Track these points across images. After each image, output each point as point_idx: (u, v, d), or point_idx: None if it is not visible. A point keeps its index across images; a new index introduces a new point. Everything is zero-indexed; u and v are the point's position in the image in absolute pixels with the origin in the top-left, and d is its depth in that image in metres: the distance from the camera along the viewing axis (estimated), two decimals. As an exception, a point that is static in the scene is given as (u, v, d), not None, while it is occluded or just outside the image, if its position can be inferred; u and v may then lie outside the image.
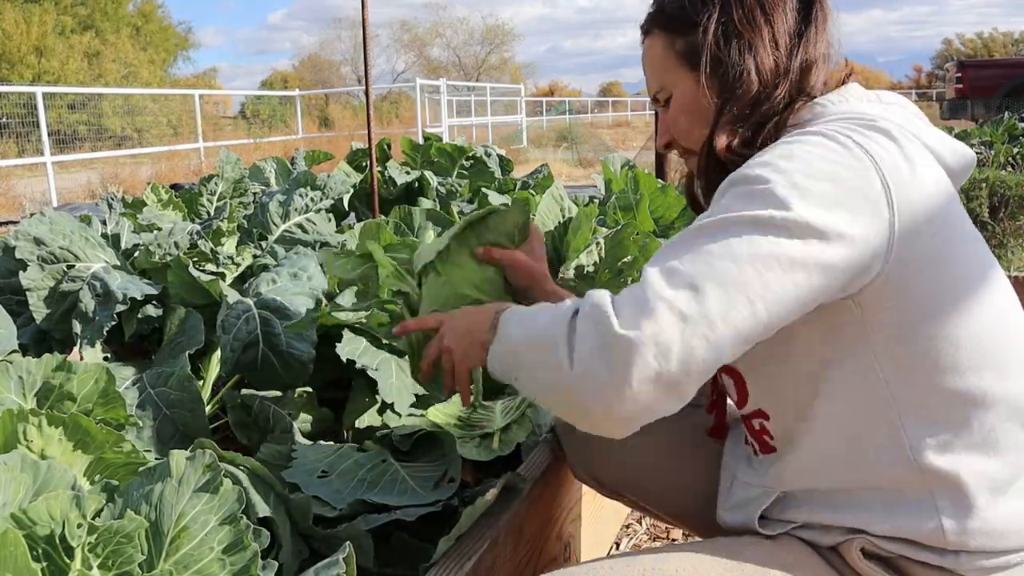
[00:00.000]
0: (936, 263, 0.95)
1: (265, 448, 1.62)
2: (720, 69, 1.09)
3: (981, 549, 0.94)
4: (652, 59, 1.18)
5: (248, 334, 1.79)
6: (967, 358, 0.95)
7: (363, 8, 2.79)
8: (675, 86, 1.15)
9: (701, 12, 1.11)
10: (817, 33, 1.09)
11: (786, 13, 1.09)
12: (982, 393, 0.95)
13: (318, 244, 2.31)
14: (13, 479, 0.98)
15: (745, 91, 1.07)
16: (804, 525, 1.04)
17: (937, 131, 1.09)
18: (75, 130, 16.08)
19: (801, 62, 1.08)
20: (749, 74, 1.07)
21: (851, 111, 1.04)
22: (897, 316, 0.94)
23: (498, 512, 1.32)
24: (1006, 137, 7.54)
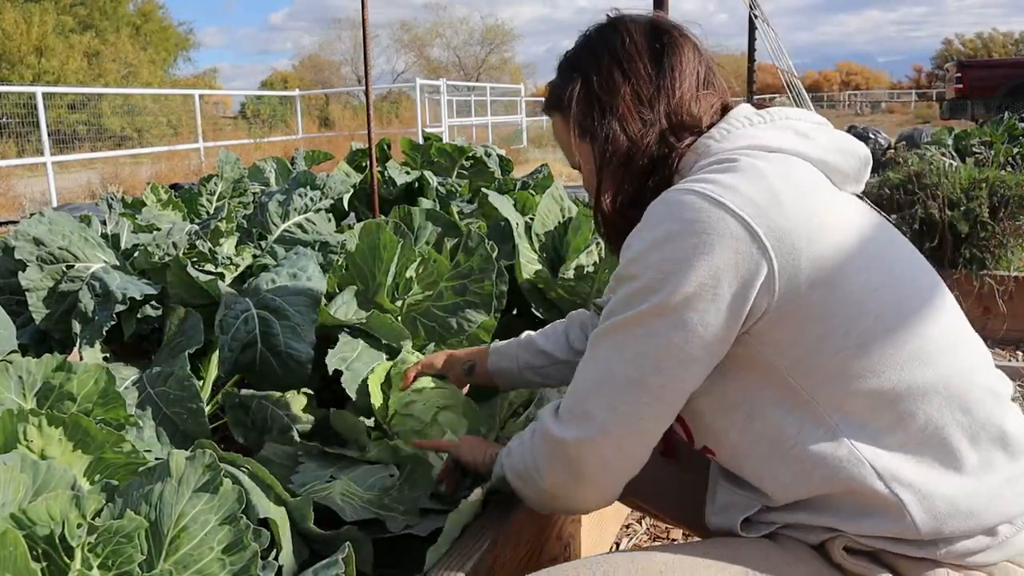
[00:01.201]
0: (827, 282, 0.97)
1: (267, 448, 1.62)
2: (589, 135, 1.18)
3: (956, 533, 0.95)
4: (557, 137, 1.27)
5: (247, 334, 1.79)
6: (882, 358, 0.97)
7: (363, 8, 2.79)
8: (580, 155, 1.23)
9: (569, 87, 1.19)
10: (677, 74, 1.14)
11: (642, 60, 1.14)
12: (910, 386, 0.97)
13: (318, 244, 2.31)
14: (13, 479, 0.98)
15: (614, 151, 1.14)
16: (788, 525, 1.05)
17: (828, 140, 1.12)
18: (75, 130, 16.08)
19: (667, 109, 1.14)
20: (616, 135, 1.14)
21: (732, 147, 1.08)
22: (794, 342, 0.98)
23: (498, 512, 1.32)
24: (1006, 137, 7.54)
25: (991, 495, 0.96)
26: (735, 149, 1.07)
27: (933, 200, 3.90)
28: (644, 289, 0.99)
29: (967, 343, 1.04)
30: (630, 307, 1.01)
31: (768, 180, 1.00)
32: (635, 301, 1.00)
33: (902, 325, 0.99)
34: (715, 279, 0.95)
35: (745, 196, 0.97)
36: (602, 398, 1.03)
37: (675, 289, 0.97)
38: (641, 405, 1.02)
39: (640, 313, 0.99)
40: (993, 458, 0.98)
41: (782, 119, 1.12)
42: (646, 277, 0.99)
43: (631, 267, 1.02)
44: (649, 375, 1.00)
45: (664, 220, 1.00)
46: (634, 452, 1.06)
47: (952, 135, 7.86)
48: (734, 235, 0.95)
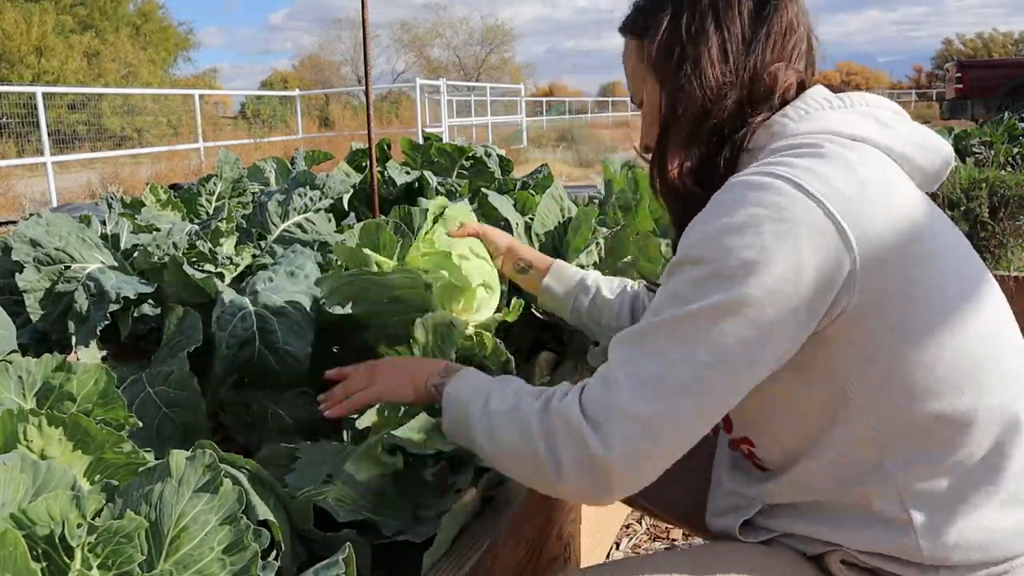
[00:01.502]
0: (905, 292, 0.91)
1: (265, 448, 1.62)
2: (665, 83, 1.07)
3: (961, 563, 0.93)
4: (625, 62, 1.17)
5: (244, 331, 1.79)
6: (945, 379, 0.92)
7: (363, 8, 2.79)
8: (645, 93, 1.14)
9: (655, 17, 1.08)
10: (773, 38, 1.04)
11: (740, 14, 1.03)
12: (962, 412, 0.92)
13: (317, 244, 2.31)
14: (13, 479, 0.97)
15: (688, 107, 1.04)
16: (786, 534, 1.03)
17: (909, 131, 1.04)
18: (75, 130, 16.08)
19: (752, 72, 1.03)
20: (692, 89, 1.03)
21: (810, 130, 0.99)
22: (864, 348, 0.92)
23: (497, 513, 1.32)
24: (1006, 137, 7.53)
25: (1008, 533, 0.93)
26: (814, 132, 0.98)
27: (933, 200, 3.90)
28: (716, 276, 0.88)
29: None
30: (699, 297, 0.89)
31: (857, 173, 0.92)
32: (705, 290, 0.88)
33: (973, 350, 0.93)
34: (798, 273, 0.86)
35: (834, 188, 0.89)
36: (657, 403, 0.89)
37: (754, 281, 0.86)
38: (701, 411, 0.90)
39: (712, 306, 0.87)
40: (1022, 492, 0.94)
41: (862, 105, 1.04)
42: (720, 263, 0.88)
43: (700, 249, 0.90)
44: (715, 377, 0.88)
45: (744, 202, 0.89)
46: (673, 458, 0.93)
47: (952, 135, 7.86)
48: (821, 229, 0.87)
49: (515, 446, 1.00)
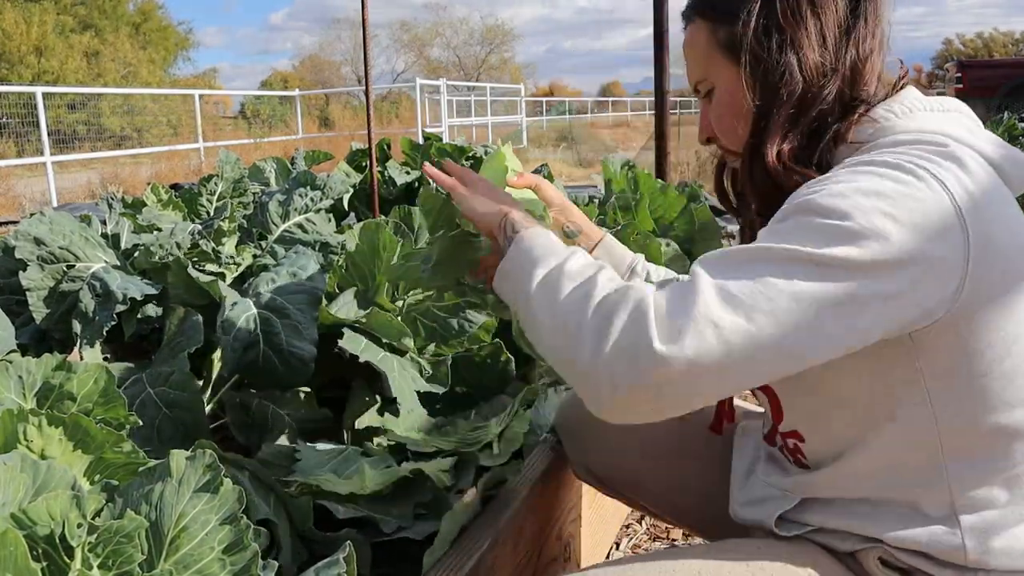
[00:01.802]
0: (1001, 304, 0.89)
1: (265, 448, 1.62)
2: (760, 67, 1.02)
3: (1001, 568, 0.92)
4: (694, 47, 1.10)
5: (248, 334, 1.79)
6: (1017, 392, 0.92)
7: (363, 8, 2.79)
8: (717, 80, 1.08)
9: (743, 2, 1.03)
10: (868, 26, 1.02)
11: (836, 4, 1.01)
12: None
13: (318, 244, 2.31)
14: (13, 479, 0.97)
15: (789, 92, 0.99)
16: (821, 529, 1.02)
17: (993, 139, 1.02)
18: (75, 130, 16.09)
19: (852, 60, 1.00)
20: (792, 73, 0.99)
21: (920, 128, 0.97)
22: (952, 357, 0.90)
23: (497, 513, 1.32)
24: (1006, 137, 7.54)
25: None
26: (924, 131, 0.96)
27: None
28: (843, 230, 0.83)
29: None
30: (819, 242, 0.83)
31: (981, 180, 0.90)
32: (828, 237, 0.83)
33: None
34: (920, 260, 0.83)
35: (965, 187, 0.87)
36: (741, 318, 0.82)
37: (879, 249, 0.82)
38: (777, 350, 0.83)
39: (832, 256, 0.82)
40: None
41: (954, 111, 1.02)
42: (851, 220, 0.83)
43: (832, 200, 0.85)
44: (804, 322, 0.82)
45: (884, 176, 0.86)
46: (724, 393, 0.88)
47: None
48: (950, 224, 0.85)
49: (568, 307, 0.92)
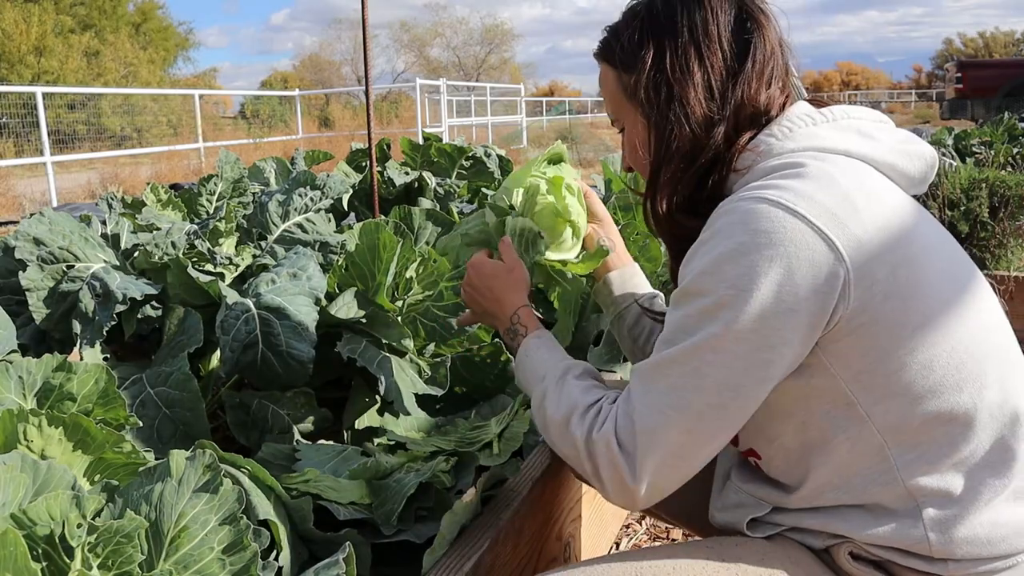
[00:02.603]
0: (897, 295, 0.94)
1: (265, 448, 1.62)
2: (652, 121, 1.09)
3: (968, 557, 0.94)
4: (604, 86, 1.19)
5: (247, 334, 1.79)
6: (943, 378, 0.94)
7: (363, 8, 2.79)
8: (625, 121, 1.17)
9: (638, 54, 1.09)
10: (756, 66, 1.06)
11: (722, 48, 1.06)
12: (963, 409, 0.95)
13: (318, 244, 2.31)
14: (13, 479, 0.98)
15: (678, 147, 1.06)
16: (794, 528, 1.05)
17: (893, 137, 1.07)
18: (75, 130, 16.08)
19: (738, 103, 1.06)
20: (681, 128, 1.06)
21: (796, 147, 1.02)
22: (861, 354, 0.94)
23: (497, 513, 1.32)
24: (1006, 137, 7.54)
25: (1016, 528, 0.95)
26: (798, 151, 1.02)
27: (933, 200, 3.90)
28: (718, 306, 0.93)
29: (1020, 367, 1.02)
30: (704, 327, 0.94)
31: (841, 187, 0.95)
32: (709, 320, 0.94)
33: (968, 348, 0.96)
34: (794, 294, 0.91)
35: (820, 205, 0.92)
36: (676, 432, 0.96)
37: (754, 306, 0.91)
38: (717, 428, 0.96)
39: (717, 336, 0.93)
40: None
41: (844, 118, 1.07)
42: (719, 293, 0.93)
43: (701, 281, 0.95)
44: (728, 400, 0.95)
45: (736, 231, 0.94)
46: (695, 472, 1.01)
47: (952, 135, 7.86)
48: (811, 246, 0.91)
49: (567, 453, 1.09)
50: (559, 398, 1.12)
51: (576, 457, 1.06)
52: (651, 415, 0.97)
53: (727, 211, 0.97)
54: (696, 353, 0.95)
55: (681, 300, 0.98)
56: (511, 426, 1.56)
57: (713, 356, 0.94)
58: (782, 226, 0.91)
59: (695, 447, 0.97)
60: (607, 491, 1.03)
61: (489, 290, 1.31)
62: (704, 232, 0.99)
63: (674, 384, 0.96)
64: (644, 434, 0.97)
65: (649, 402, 0.98)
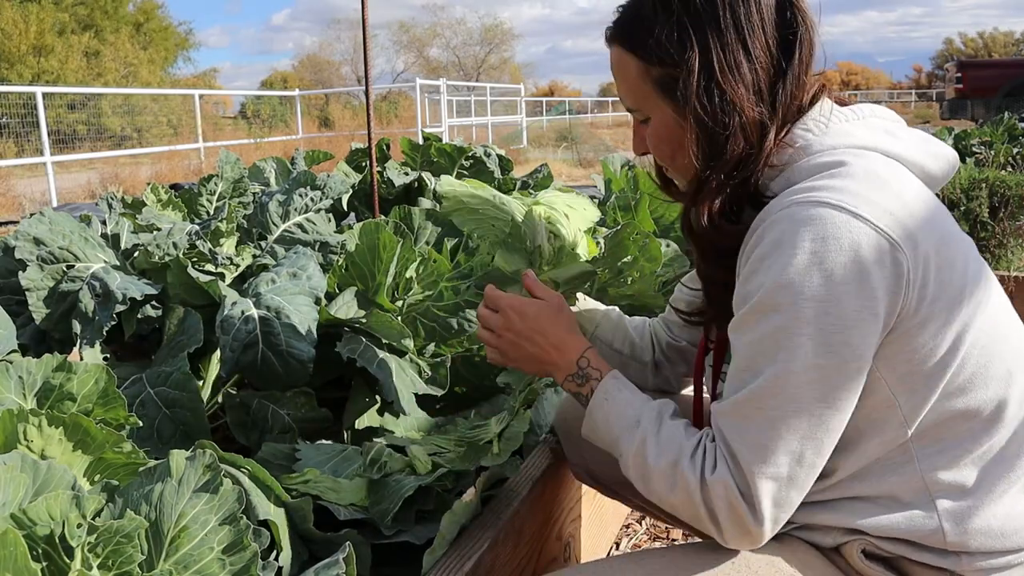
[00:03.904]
0: (943, 296, 0.94)
1: (265, 448, 1.62)
2: (706, 131, 1.00)
3: (981, 549, 0.95)
4: (624, 77, 1.09)
5: (247, 334, 1.79)
6: (973, 376, 0.95)
7: (363, 8, 2.79)
8: (653, 114, 1.08)
9: (680, 51, 1.00)
10: (803, 61, 1.01)
11: (767, 44, 1.00)
12: (989, 405, 0.96)
13: (318, 244, 2.31)
14: (13, 479, 0.97)
15: (732, 155, 1.00)
16: (804, 526, 1.04)
17: (916, 138, 1.05)
18: (75, 130, 16.07)
19: (785, 105, 1.00)
20: (735, 137, 0.99)
21: (834, 144, 0.99)
22: (907, 356, 0.94)
23: (497, 512, 1.32)
24: (1006, 137, 7.54)
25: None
26: (839, 148, 0.99)
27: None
28: (799, 321, 0.89)
29: None
30: (788, 346, 0.90)
31: (892, 187, 0.94)
32: (792, 338, 0.90)
33: (993, 344, 0.97)
34: (874, 297, 0.89)
35: (879, 205, 0.91)
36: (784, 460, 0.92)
37: (839, 316, 0.88)
38: (822, 446, 0.93)
39: (805, 354, 0.89)
40: None
41: (871, 116, 1.05)
42: (799, 307, 0.89)
43: (777, 297, 0.90)
44: (828, 416, 0.91)
45: (803, 239, 0.89)
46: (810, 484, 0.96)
47: (952, 135, 7.86)
48: (879, 248, 0.89)
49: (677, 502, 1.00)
50: (660, 443, 1.02)
51: (688, 504, 0.98)
52: (756, 452, 0.92)
53: (785, 217, 0.92)
54: (788, 378, 0.90)
55: (751, 320, 0.93)
56: (511, 426, 1.55)
57: (805, 376, 0.90)
58: (849, 230, 0.89)
59: (807, 472, 0.93)
60: (726, 535, 0.96)
61: (542, 335, 1.19)
62: (760, 242, 0.94)
63: (771, 416, 0.92)
64: (754, 474, 0.92)
65: (751, 441, 0.93)
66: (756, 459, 0.92)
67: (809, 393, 0.90)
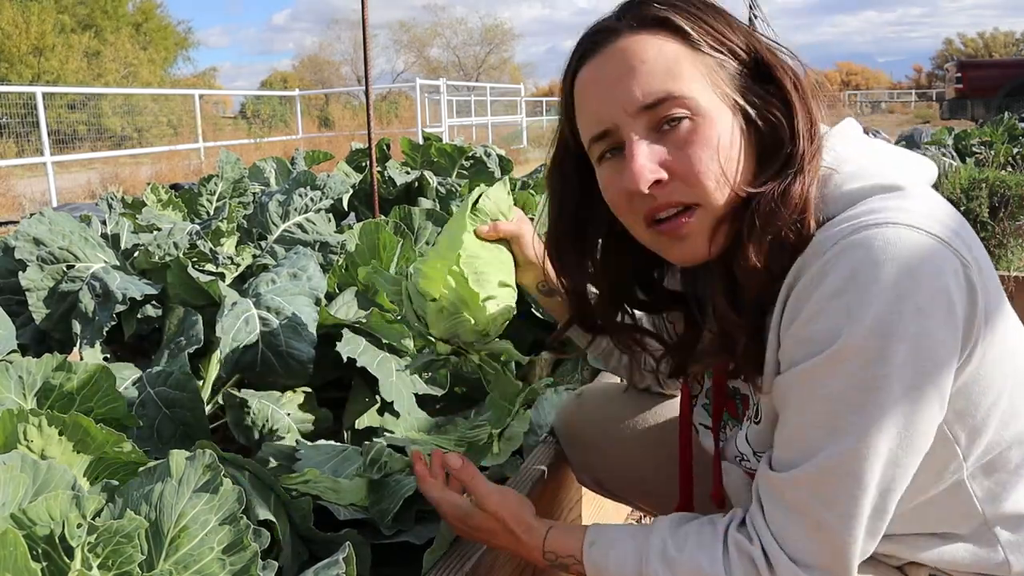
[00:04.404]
0: (996, 322, 0.86)
1: (265, 448, 1.62)
2: (752, 131, 0.90)
3: None
4: (659, 62, 0.89)
5: (248, 334, 1.79)
6: (1019, 401, 0.90)
7: (363, 8, 2.79)
8: (699, 113, 0.89)
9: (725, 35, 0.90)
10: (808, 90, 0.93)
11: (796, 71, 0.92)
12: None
13: (318, 244, 2.31)
14: (13, 479, 0.98)
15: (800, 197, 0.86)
16: None
17: (906, 154, 0.99)
18: (75, 130, 16.07)
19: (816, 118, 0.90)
20: (783, 141, 0.88)
21: (869, 164, 0.90)
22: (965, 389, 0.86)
23: (498, 512, 1.32)
24: (1006, 137, 7.55)
25: None
26: (873, 168, 0.90)
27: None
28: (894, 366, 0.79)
29: None
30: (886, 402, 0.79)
31: (946, 205, 0.86)
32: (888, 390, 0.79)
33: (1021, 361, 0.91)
34: (956, 328, 0.80)
35: (948, 226, 0.82)
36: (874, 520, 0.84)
37: (932, 359, 0.79)
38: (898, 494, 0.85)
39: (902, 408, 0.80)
40: None
41: (877, 139, 0.99)
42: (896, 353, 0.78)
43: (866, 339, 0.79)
44: (909, 464, 0.83)
45: (887, 269, 0.78)
46: None
47: (952, 135, 7.87)
48: (957, 271, 0.80)
49: None
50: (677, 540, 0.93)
51: None
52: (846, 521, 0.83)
53: (855, 245, 0.80)
54: (880, 434, 0.80)
55: (828, 370, 0.81)
56: (511, 426, 1.56)
57: (895, 427, 0.80)
58: (931, 254, 0.79)
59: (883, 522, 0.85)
60: None
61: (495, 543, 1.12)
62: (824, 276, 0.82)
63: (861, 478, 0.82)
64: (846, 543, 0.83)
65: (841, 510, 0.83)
66: (846, 527, 0.83)
67: (897, 442, 0.81)
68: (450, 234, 1.26)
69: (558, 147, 1.07)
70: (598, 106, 0.93)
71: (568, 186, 1.08)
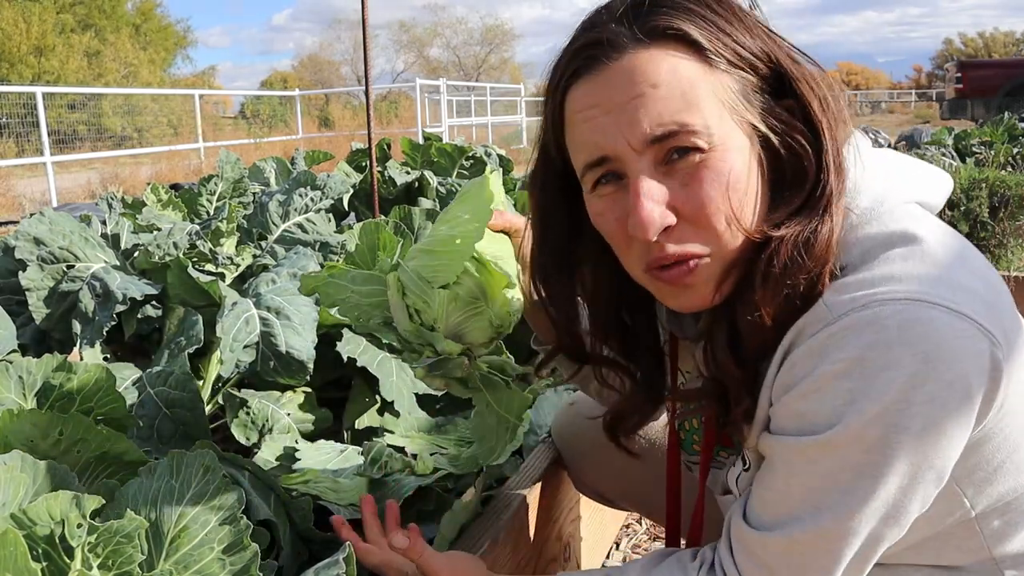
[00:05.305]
0: (1012, 378, 0.79)
1: (265, 448, 1.62)
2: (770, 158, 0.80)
3: None
4: (674, 82, 0.77)
5: (248, 335, 1.79)
6: None
7: (363, 8, 2.79)
8: (712, 145, 0.78)
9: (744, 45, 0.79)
10: None
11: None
12: None
13: (318, 244, 2.31)
14: (13, 479, 0.98)
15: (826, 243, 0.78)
16: None
17: (919, 169, 0.92)
18: (75, 130, 16.08)
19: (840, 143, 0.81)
20: (806, 172, 0.79)
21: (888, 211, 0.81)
22: (975, 450, 0.81)
23: (497, 512, 1.32)
24: (1006, 137, 7.55)
25: None
26: (881, 208, 0.81)
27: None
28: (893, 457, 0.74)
29: None
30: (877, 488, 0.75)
31: (971, 262, 0.79)
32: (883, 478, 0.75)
33: None
34: (971, 413, 0.75)
35: (970, 291, 0.74)
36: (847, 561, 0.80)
37: (936, 449, 0.74)
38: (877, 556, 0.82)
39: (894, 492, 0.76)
40: None
41: (885, 153, 0.90)
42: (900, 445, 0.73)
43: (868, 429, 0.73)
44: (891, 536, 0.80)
45: (904, 359, 0.72)
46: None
47: (952, 135, 7.87)
48: (980, 352, 0.73)
49: None
50: None
51: None
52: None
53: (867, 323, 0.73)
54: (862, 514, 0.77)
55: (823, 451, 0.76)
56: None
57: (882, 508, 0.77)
58: (955, 337, 0.72)
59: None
60: None
61: None
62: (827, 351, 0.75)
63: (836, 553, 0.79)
64: None
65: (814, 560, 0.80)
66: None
67: (883, 523, 0.78)
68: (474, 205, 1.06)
69: (540, 162, 0.95)
70: (598, 136, 0.81)
71: (554, 211, 0.96)
